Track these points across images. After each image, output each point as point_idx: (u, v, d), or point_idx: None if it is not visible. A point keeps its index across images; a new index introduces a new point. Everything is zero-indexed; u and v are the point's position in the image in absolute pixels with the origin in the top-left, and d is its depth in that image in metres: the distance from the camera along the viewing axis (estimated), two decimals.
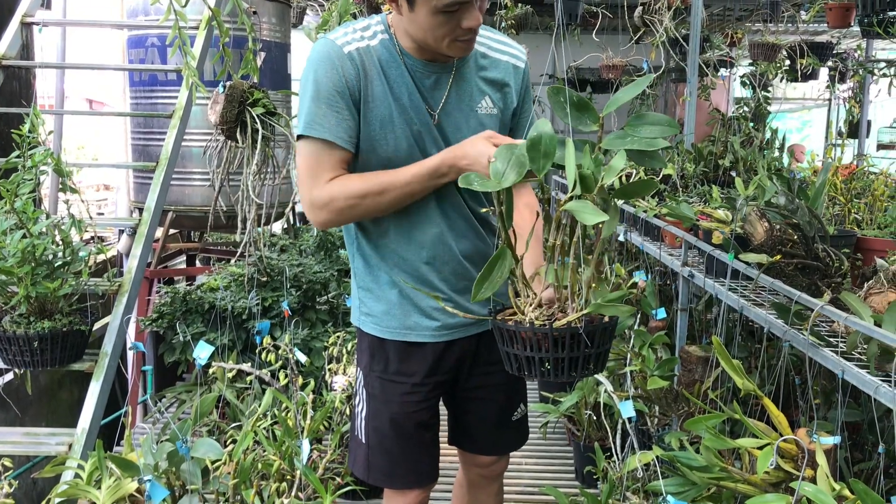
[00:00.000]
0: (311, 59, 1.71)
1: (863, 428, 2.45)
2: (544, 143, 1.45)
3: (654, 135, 1.48)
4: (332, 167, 1.70)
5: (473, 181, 1.47)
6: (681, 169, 3.81)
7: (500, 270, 1.51)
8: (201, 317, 3.63)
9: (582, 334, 1.46)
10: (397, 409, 1.86)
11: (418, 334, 1.85)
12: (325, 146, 1.68)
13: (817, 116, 12.43)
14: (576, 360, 1.49)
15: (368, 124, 1.71)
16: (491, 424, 1.99)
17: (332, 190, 1.68)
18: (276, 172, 3.37)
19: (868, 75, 5.95)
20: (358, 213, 1.72)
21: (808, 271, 2.11)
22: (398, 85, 1.72)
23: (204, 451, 2.03)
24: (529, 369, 1.52)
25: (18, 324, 2.72)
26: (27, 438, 2.81)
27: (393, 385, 1.86)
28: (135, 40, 4.64)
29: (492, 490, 2.13)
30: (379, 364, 1.88)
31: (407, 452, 1.89)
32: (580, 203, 1.41)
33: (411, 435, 1.88)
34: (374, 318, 1.87)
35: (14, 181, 2.71)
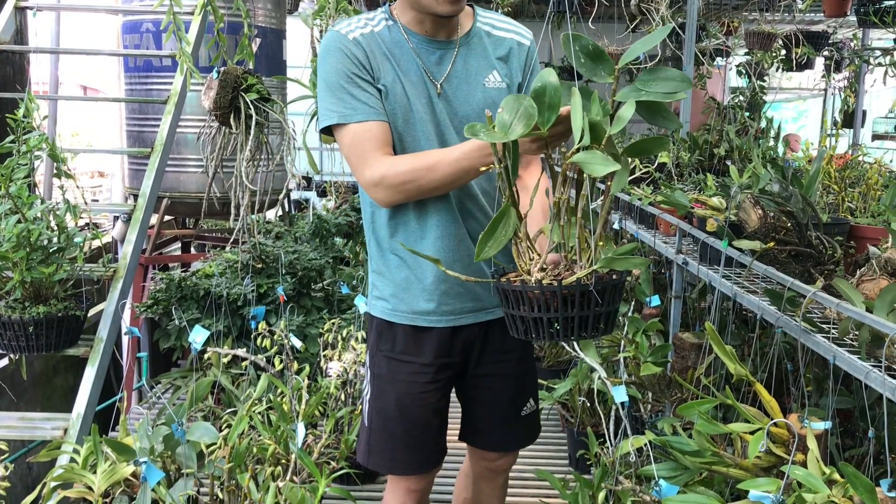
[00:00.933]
0: (321, 54, 1.77)
1: (854, 415, 2.47)
2: (549, 94, 1.41)
3: (669, 89, 1.41)
4: (375, 143, 1.73)
5: (479, 131, 1.43)
6: (676, 157, 3.82)
7: (504, 228, 1.47)
8: (196, 303, 3.63)
9: (592, 291, 1.41)
10: (404, 388, 1.86)
11: (426, 319, 1.85)
12: (358, 127, 1.72)
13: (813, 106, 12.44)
14: (586, 320, 1.44)
15: (385, 99, 1.76)
16: (499, 417, 1.98)
17: (383, 168, 1.72)
18: (270, 159, 3.37)
19: (863, 65, 5.96)
20: (413, 188, 1.72)
21: (802, 258, 2.12)
22: (405, 62, 1.78)
23: (199, 435, 2.04)
24: (537, 331, 1.46)
25: (14, 308, 2.72)
26: (22, 423, 2.82)
27: (400, 364, 1.86)
28: (129, 26, 4.62)
29: (496, 483, 2.11)
30: (386, 343, 1.89)
31: (411, 435, 1.87)
32: (588, 154, 1.36)
33: (417, 416, 1.87)
34: (383, 302, 1.89)
35: (8, 166, 2.71)
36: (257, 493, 2.00)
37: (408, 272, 1.85)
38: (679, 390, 2.67)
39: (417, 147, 1.79)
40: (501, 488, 2.13)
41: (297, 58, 4.99)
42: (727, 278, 2.37)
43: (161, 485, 2.05)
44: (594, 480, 2.11)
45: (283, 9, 5.01)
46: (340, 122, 1.72)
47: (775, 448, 1.77)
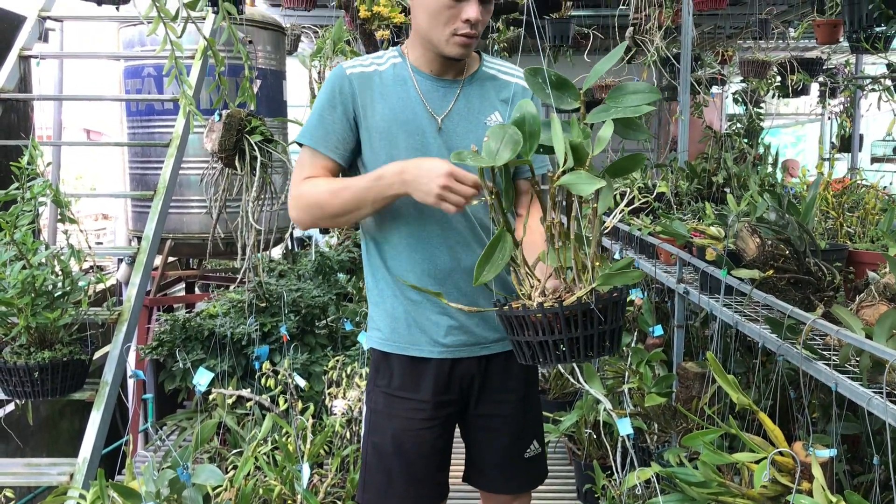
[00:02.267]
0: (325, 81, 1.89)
1: (861, 441, 2.46)
2: (528, 123, 1.47)
3: (637, 102, 1.48)
4: (312, 170, 1.83)
5: (466, 157, 1.48)
6: (674, 186, 3.84)
7: (500, 253, 1.51)
8: (201, 343, 3.64)
9: (594, 309, 1.43)
10: (400, 424, 1.86)
11: (420, 349, 1.86)
12: (310, 153, 1.84)
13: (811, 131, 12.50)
14: (590, 338, 1.46)
15: (370, 136, 1.83)
16: (501, 458, 1.96)
17: (304, 187, 1.81)
18: (275, 198, 3.40)
19: (858, 90, 6.01)
20: (317, 210, 1.79)
21: (801, 286, 2.13)
22: (402, 101, 1.84)
23: (205, 478, 2.03)
24: (544, 355, 1.48)
25: (19, 354, 2.73)
26: (28, 469, 2.82)
27: (398, 400, 1.87)
28: (131, 70, 4.69)
29: None
30: (383, 379, 1.89)
31: (409, 472, 1.86)
32: (574, 175, 1.41)
33: (415, 454, 1.86)
34: (380, 333, 1.91)
35: (13, 213, 2.73)
36: None
37: (404, 302, 1.87)
38: (684, 420, 2.67)
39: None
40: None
41: (297, 98, 5.06)
42: (728, 307, 2.37)
43: None
44: None
45: (282, 50, 5.08)
46: (299, 140, 1.85)
47: (781, 477, 1.76)
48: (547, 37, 6.23)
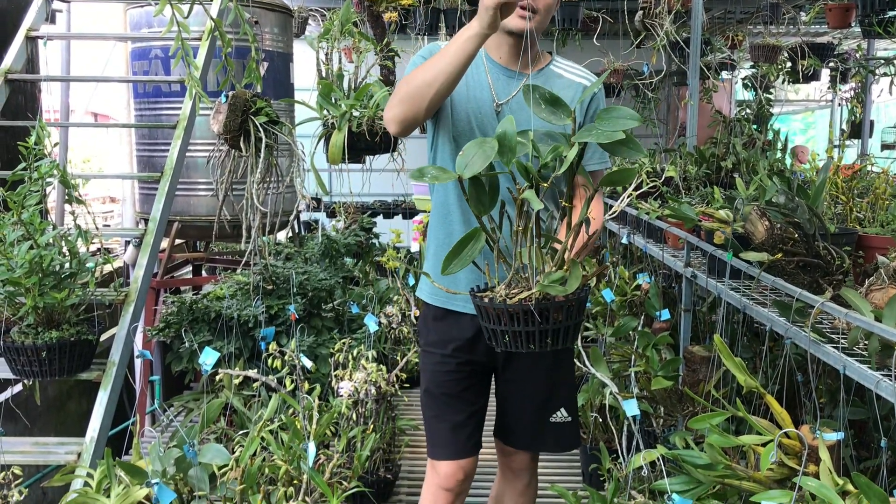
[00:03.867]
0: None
1: (868, 426, 2.45)
2: (508, 139, 1.62)
3: (617, 127, 1.60)
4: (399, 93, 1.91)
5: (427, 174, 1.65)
6: (683, 171, 3.82)
7: (470, 250, 1.67)
8: (208, 325, 3.65)
9: (532, 311, 1.61)
10: (429, 377, 2.08)
11: (456, 304, 2.04)
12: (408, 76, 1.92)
13: (821, 118, 12.42)
14: (532, 334, 1.64)
15: (446, 100, 1.97)
16: (528, 420, 2.13)
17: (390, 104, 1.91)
18: (280, 181, 3.39)
19: (869, 75, 5.95)
20: (413, 90, 1.85)
21: (810, 269, 2.12)
22: (474, 80, 2.00)
23: (211, 457, 2.04)
24: (496, 339, 1.69)
25: (26, 334, 2.74)
26: (36, 448, 2.83)
27: (427, 356, 2.08)
28: (138, 52, 4.68)
29: (517, 487, 2.22)
30: (423, 338, 2.11)
31: (439, 420, 2.06)
32: (529, 192, 1.61)
33: (442, 404, 2.05)
34: (427, 284, 2.09)
35: (21, 193, 2.73)
36: None
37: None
38: (691, 404, 2.67)
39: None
40: (522, 495, 2.23)
41: (304, 81, 5.04)
42: (736, 291, 2.36)
43: None
44: (607, 495, 2.10)
45: (289, 33, 5.06)
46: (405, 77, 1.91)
47: (788, 460, 1.76)
48: (556, 20, 6.19)
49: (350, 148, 2.96)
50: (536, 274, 1.69)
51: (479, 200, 1.67)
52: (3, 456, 2.60)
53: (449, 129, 2.01)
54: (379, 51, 3.72)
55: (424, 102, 1.85)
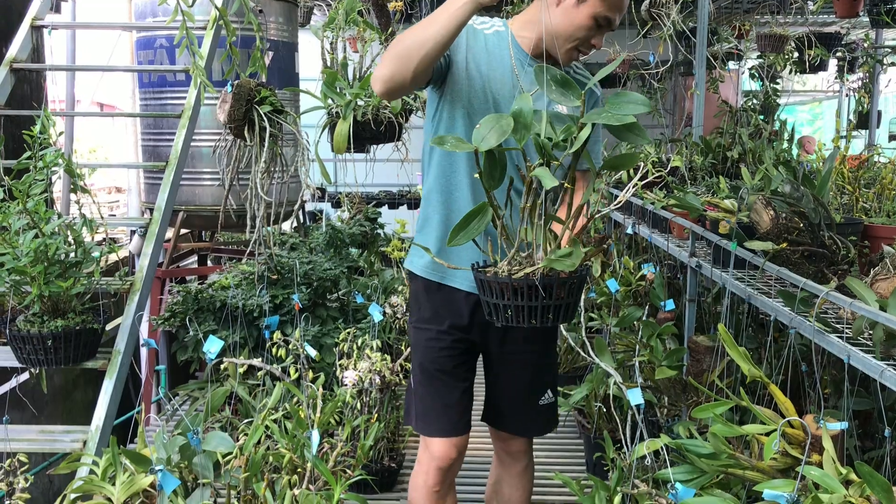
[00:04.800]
0: None
1: (873, 416, 2.44)
2: (524, 116, 1.64)
3: (626, 111, 1.62)
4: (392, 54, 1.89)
5: (447, 141, 1.66)
6: (689, 161, 3.81)
7: (478, 223, 1.71)
8: (213, 315, 3.66)
9: (538, 286, 1.64)
10: (422, 354, 2.09)
11: (454, 280, 2.06)
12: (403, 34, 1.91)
13: (828, 109, 12.35)
14: (535, 309, 1.67)
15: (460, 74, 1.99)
16: (519, 402, 2.17)
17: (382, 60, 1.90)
18: (285, 170, 3.39)
19: (877, 65, 5.91)
20: (402, 50, 1.84)
21: (815, 259, 2.11)
22: (499, 61, 2.01)
23: (215, 445, 2.05)
24: (496, 314, 1.72)
25: (32, 323, 2.75)
26: (42, 436, 2.85)
27: (421, 332, 2.09)
28: (143, 42, 4.68)
29: (514, 470, 2.27)
30: (415, 314, 2.12)
31: (433, 398, 2.08)
32: (542, 169, 1.62)
33: (437, 381, 2.07)
34: (417, 257, 2.10)
35: (26, 181, 2.74)
36: (273, 501, 2.01)
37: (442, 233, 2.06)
38: (695, 394, 2.66)
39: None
40: (520, 477, 2.29)
41: (309, 71, 5.03)
42: (741, 280, 2.36)
43: (178, 495, 2.06)
44: (611, 484, 2.10)
45: (294, 22, 5.05)
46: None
47: (791, 449, 1.76)
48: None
49: (355, 137, 2.96)
50: (539, 251, 1.72)
51: (490, 175, 1.69)
52: (10, 444, 2.62)
53: (464, 105, 2.01)
54: (384, 40, 3.71)
55: (412, 63, 1.83)
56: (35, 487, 3.79)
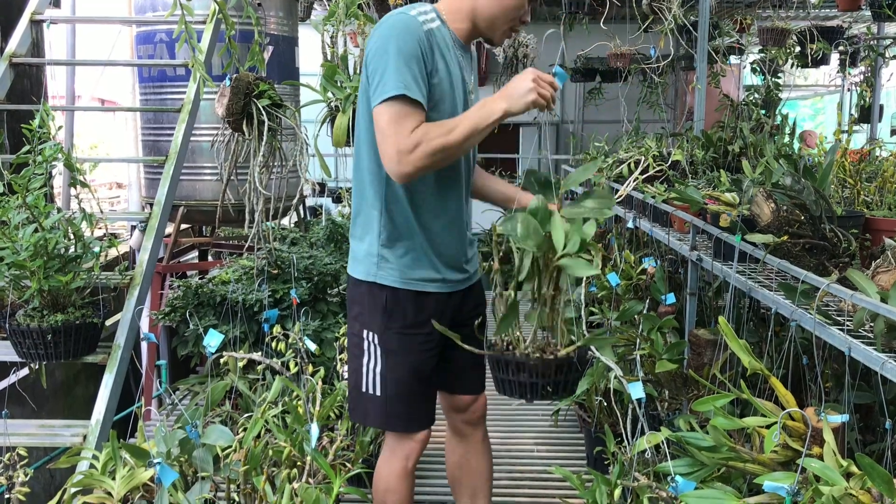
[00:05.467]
0: (392, 28, 1.91)
1: (875, 411, 2.44)
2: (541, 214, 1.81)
3: (600, 206, 1.86)
4: (415, 122, 1.88)
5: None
6: (690, 155, 3.80)
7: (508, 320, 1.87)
8: (213, 310, 3.65)
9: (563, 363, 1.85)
10: (416, 357, 2.07)
11: (429, 285, 2.08)
12: (412, 105, 1.87)
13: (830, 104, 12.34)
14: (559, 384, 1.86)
15: (432, 92, 1.95)
16: (472, 363, 2.23)
17: (417, 136, 1.85)
18: (283, 165, 3.38)
19: (879, 59, 5.89)
20: (441, 153, 1.88)
21: (816, 251, 2.11)
22: (452, 63, 2.00)
23: (215, 438, 2.05)
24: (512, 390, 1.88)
25: (32, 317, 2.75)
26: (42, 430, 2.85)
27: (410, 337, 2.06)
28: (143, 36, 4.67)
29: (476, 438, 2.34)
30: (396, 321, 2.06)
31: (424, 397, 2.13)
32: (572, 259, 1.75)
33: (428, 380, 2.11)
34: (397, 272, 2.06)
35: (25, 175, 2.73)
36: (273, 495, 2.00)
37: (424, 245, 2.06)
38: (696, 388, 2.66)
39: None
40: (483, 443, 2.36)
41: (309, 66, 5.02)
42: (742, 274, 2.35)
43: (178, 488, 2.06)
44: (611, 477, 2.10)
45: (294, 16, 5.04)
46: (404, 93, 1.84)
47: (792, 442, 1.75)
48: (563, 4, 6.15)
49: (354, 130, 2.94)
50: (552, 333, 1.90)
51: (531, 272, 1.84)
52: (10, 438, 2.62)
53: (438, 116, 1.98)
54: None
55: (444, 164, 1.94)
56: (36, 482, 3.79)
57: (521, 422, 3.82)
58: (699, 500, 1.72)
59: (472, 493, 2.36)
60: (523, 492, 3.14)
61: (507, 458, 3.43)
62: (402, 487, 2.14)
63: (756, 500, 1.72)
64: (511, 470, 3.32)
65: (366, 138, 2.01)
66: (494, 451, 3.46)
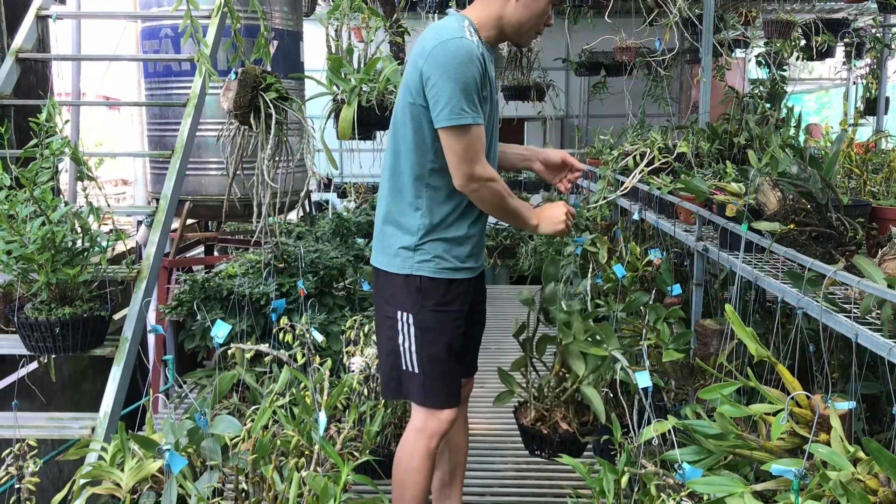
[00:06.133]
0: (455, 56, 2.03)
1: (881, 401, 2.44)
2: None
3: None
4: (484, 147, 2.12)
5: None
6: (695, 147, 3.79)
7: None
8: (220, 303, 3.66)
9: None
10: (450, 334, 2.22)
11: (458, 273, 2.25)
12: (479, 130, 2.08)
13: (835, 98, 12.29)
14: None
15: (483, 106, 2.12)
16: (476, 348, 2.48)
17: (492, 173, 2.13)
18: (290, 158, 3.39)
19: (885, 50, 5.87)
20: (497, 203, 2.17)
21: (822, 240, 2.11)
22: (490, 70, 2.16)
23: (223, 428, 2.06)
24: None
25: (40, 310, 2.76)
26: (51, 423, 2.86)
27: (446, 314, 2.21)
28: (148, 31, 4.68)
29: (462, 415, 2.54)
30: (430, 300, 2.21)
31: (457, 373, 2.27)
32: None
33: (460, 355, 2.26)
34: (432, 264, 2.21)
35: (32, 169, 2.74)
36: (281, 484, 2.01)
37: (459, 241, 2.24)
38: (702, 377, 2.66)
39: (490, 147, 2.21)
40: (465, 421, 2.59)
41: (314, 62, 5.03)
42: (748, 264, 2.35)
43: (186, 478, 2.07)
44: (618, 466, 2.10)
45: (299, 11, 5.05)
46: (472, 122, 2.04)
47: (799, 429, 1.75)
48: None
49: (360, 123, 2.96)
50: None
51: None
52: (19, 430, 2.63)
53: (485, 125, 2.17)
54: (388, 27, 3.70)
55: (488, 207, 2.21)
56: (45, 477, 3.81)
57: None
58: (706, 486, 1.73)
59: (453, 467, 2.55)
60: (529, 482, 3.15)
61: (513, 450, 3.44)
62: (424, 467, 2.25)
63: (763, 487, 1.73)
64: (517, 461, 3.33)
65: (409, 145, 2.16)
66: (500, 442, 3.48)
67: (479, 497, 3.01)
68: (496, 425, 3.60)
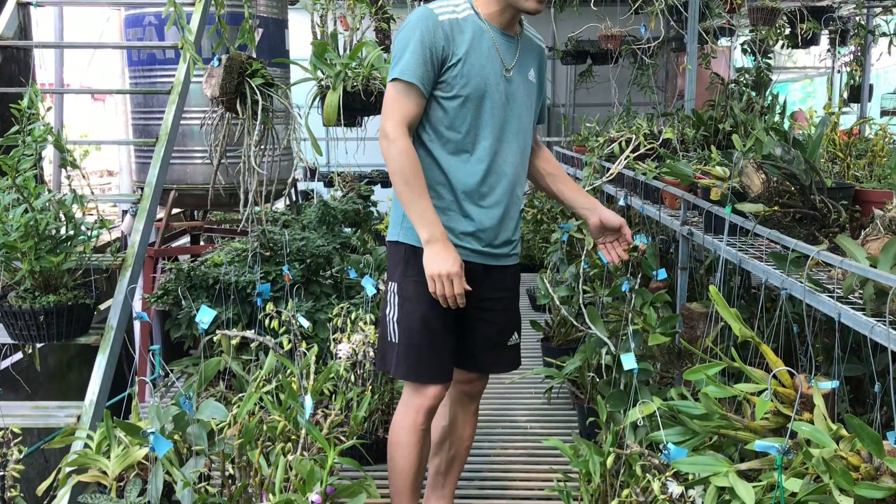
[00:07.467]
0: (412, 21, 2.12)
1: (864, 383, 2.46)
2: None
3: None
4: (409, 106, 2.10)
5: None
6: (681, 134, 3.80)
7: None
8: (206, 292, 3.64)
9: None
10: (427, 307, 2.17)
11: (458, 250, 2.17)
12: (408, 88, 2.09)
13: (820, 86, 12.34)
14: None
15: (452, 78, 2.13)
16: (491, 344, 2.36)
17: (401, 144, 2.08)
18: (276, 146, 3.37)
19: (869, 37, 5.89)
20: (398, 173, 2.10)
21: (806, 221, 2.12)
22: (485, 49, 2.15)
23: (209, 413, 2.05)
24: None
25: (24, 298, 2.74)
26: (36, 412, 2.85)
27: (426, 286, 2.14)
28: (132, 19, 4.64)
29: (470, 410, 2.48)
30: (413, 270, 2.19)
31: (433, 348, 2.21)
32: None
33: (438, 332, 2.20)
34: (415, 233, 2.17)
35: (14, 156, 2.72)
36: (268, 468, 2.01)
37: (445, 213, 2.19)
38: (689, 361, 2.67)
39: (484, 118, 2.16)
40: (474, 415, 2.51)
41: (300, 50, 5.00)
42: (732, 247, 2.36)
43: (173, 464, 2.07)
44: (604, 447, 2.11)
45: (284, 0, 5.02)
46: (400, 77, 2.07)
47: (783, 409, 1.76)
48: None
49: (345, 109, 2.95)
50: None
51: None
52: (4, 419, 2.61)
53: (464, 94, 2.15)
54: (373, 13, 3.68)
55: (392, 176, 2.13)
56: (31, 468, 3.79)
57: (514, 399, 3.84)
58: (691, 466, 1.74)
59: (452, 457, 2.50)
60: (517, 467, 3.16)
61: (501, 435, 3.45)
62: (411, 441, 2.25)
63: (748, 466, 1.74)
64: (505, 446, 3.34)
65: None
66: (488, 427, 3.48)
67: (466, 482, 3.02)
68: (484, 410, 3.61)
